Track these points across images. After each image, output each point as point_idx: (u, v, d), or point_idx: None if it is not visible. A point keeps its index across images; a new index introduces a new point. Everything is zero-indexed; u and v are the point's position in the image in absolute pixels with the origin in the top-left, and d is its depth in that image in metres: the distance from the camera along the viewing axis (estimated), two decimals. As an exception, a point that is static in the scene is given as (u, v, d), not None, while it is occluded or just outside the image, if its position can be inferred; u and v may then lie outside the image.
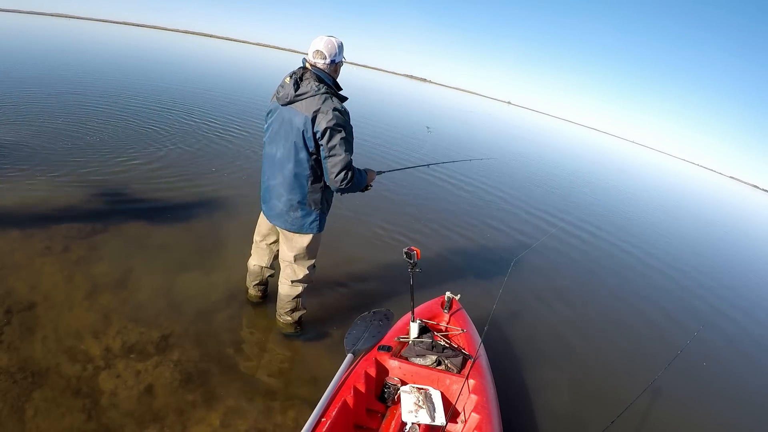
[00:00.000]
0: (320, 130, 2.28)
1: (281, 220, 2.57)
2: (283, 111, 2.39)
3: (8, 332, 2.39)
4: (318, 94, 2.30)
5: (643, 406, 3.01)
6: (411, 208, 6.19)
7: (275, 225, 2.65)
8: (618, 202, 12.43)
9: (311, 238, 2.62)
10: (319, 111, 2.27)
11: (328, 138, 2.29)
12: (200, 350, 2.57)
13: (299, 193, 2.47)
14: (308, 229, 2.58)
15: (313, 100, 2.30)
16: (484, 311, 3.08)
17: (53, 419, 1.98)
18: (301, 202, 2.49)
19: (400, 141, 12.09)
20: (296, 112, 2.33)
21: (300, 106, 2.32)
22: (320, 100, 2.29)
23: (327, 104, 2.29)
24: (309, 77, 2.35)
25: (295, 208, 2.50)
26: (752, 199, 42.18)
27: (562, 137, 44.59)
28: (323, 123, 2.26)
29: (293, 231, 2.58)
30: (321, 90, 2.31)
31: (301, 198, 2.48)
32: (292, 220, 2.54)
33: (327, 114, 2.27)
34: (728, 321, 5.27)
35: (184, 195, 4.84)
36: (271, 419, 2.24)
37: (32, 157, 4.98)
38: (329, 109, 2.27)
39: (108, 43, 30.91)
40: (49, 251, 3.20)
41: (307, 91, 2.31)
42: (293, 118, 2.34)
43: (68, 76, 11.59)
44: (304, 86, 2.32)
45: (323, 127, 2.27)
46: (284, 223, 2.57)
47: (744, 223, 18.74)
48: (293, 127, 2.34)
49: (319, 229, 2.62)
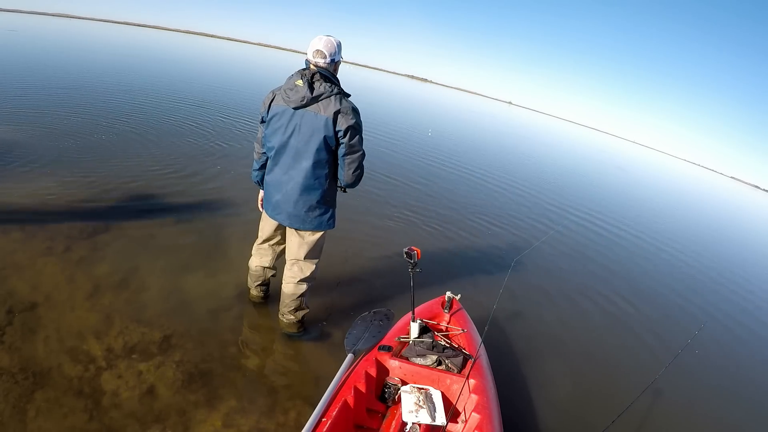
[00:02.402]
0: (342, 129, 2.37)
1: (298, 222, 2.59)
2: (296, 114, 2.41)
3: (10, 332, 2.39)
4: (333, 94, 2.37)
5: (643, 406, 3.01)
6: (411, 208, 6.19)
7: (291, 226, 2.66)
8: (618, 202, 12.43)
9: (322, 235, 2.69)
10: (339, 111, 2.35)
11: (350, 137, 2.40)
12: (202, 350, 2.58)
13: (319, 193, 2.53)
14: (326, 226, 2.65)
15: (330, 101, 2.36)
16: (484, 311, 3.08)
17: (55, 420, 1.98)
18: (320, 201, 2.55)
19: (401, 139, 12.11)
20: (314, 114, 2.37)
21: (317, 108, 2.36)
22: (337, 100, 2.37)
23: (345, 104, 2.38)
24: (319, 79, 2.37)
25: (314, 207, 2.55)
26: (753, 200, 42.11)
27: (563, 137, 44.59)
28: (345, 123, 2.36)
29: (311, 230, 2.62)
30: (334, 90, 2.38)
31: (320, 197, 2.54)
32: (311, 220, 2.59)
33: (348, 114, 2.37)
34: (728, 321, 5.27)
35: (186, 194, 4.85)
36: (274, 419, 2.24)
37: (33, 156, 4.98)
38: (349, 109, 2.38)
39: (108, 44, 30.90)
40: (50, 251, 3.21)
41: (323, 93, 2.35)
42: (312, 120, 2.37)
43: (68, 76, 11.60)
44: (318, 88, 2.35)
45: (345, 127, 2.36)
46: (301, 224, 2.60)
47: (745, 223, 18.73)
48: (312, 128, 2.38)
49: (335, 224, 2.70)
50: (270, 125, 2.52)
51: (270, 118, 2.51)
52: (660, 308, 5.03)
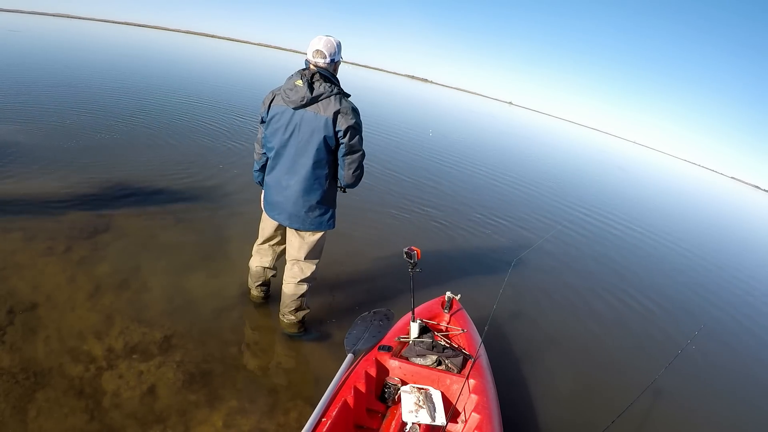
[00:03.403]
0: (342, 129, 2.36)
1: (298, 222, 2.60)
2: (296, 114, 2.41)
3: (11, 333, 2.40)
4: (333, 95, 2.37)
5: (643, 406, 3.01)
6: (411, 208, 6.19)
7: (291, 227, 2.66)
8: (619, 202, 12.42)
9: (322, 235, 2.69)
10: (339, 112, 2.35)
11: (350, 137, 2.40)
12: (203, 351, 2.58)
13: (319, 193, 2.53)
14: (326, 226, 2.65)
15: (330, 101, 2.35)
16: (484, 311, 3.08)
17: (56, 420, 1.99)
18: (320, 202, 2.55)
19: (401, 139, 12.11)
20: (314, 114, 2.37)
21: (317, 108, 2.36)
22: (336, 100, 2.36)
23: (344, 104, 2.38)
24: (319, 79, 2.37)
25: (314, 207, 2.55)
26: (753, 200, 42.07)
27: (564, 137, 44.56)
28: (345, 123, 2.36)
29: (311, 230, 2.63)
30: (334, 90, 2.38)
31: (320, 198, 2.54)
32: (311, 220, 2.59)
33: (348, 114, 2.36)
34: (729, 321, 5.27)
35: (187, 194, 4.84)
36: (274, 419, 2.25)
37: (33, 156, 4.99)
38: (348, 109, 2.37)
39: (109, 44, 30.91)
40: (51, 251, 3.21)
41: (323, 93, 2.35)
42: (311, 120, 2.37)
43: (69, 76, 11.60)
44: (317, 88, 2.35)
45: (345, 127, 2.36)
46: (302, 224, 2.60)
47: (745, 224, 18.72)
48: (312, 128, 2.38)
49: (335, 224, 2.70)
50: (270, 125, 2.52)
51: (270, 118, 2.51)
52: (660, 308, 5.02)
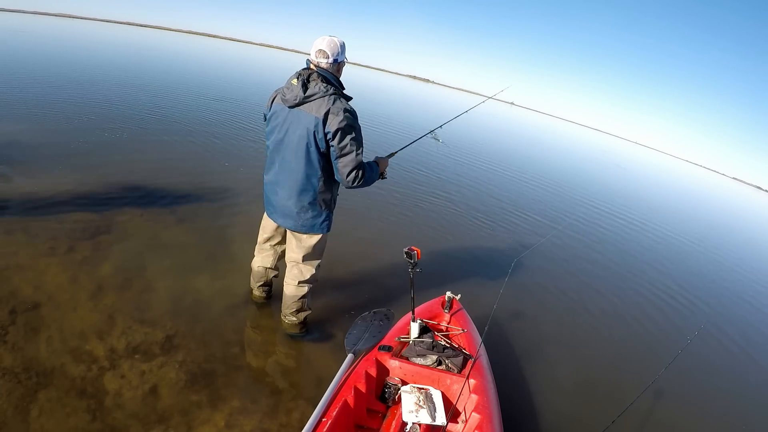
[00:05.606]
0: (331, 130, 2.30)
1: (291, 222, 2.59)
2: (290, 113, 2.40)
3: (13, 332, 2.41)
4: (327, 95, 2.33)
5: (644, 406, 3.02)
6: (411, 207, 6.20)
7: (284, 227, 2.66)
8: (619, 202, 12.40)
9: (320, 238, 2.66)
10: (329, 112, 2.30)
11: (339, 139, 2.32)
12: (205, 351, 2.59)
13: (311, 195, 2.49)
14: (319, 229, 2.61)
15: (322, 102, 2.32)
16: (484, 311, 3.08)
17: (58, 420, 1.99)
18: (312, 203, 2.52)
19: (401, 138, 12.08)
20: (306, 113, 2.34)
21: (309, 108, 2.33)
22: (329, 101, 2.32)
23: (337, 105, 2.32)
24: (315, 78, 2.36)
25: (306, 209, 2.52)
26: (755, 201, 41.97)
27: (564, 137, 44.51)
28: (334, 124, 2.29)
29: (304, 232, 2.61)
30: (329, 91, 2.34)
31: (312, 199, 2.50)
32: (303, 222, 2.56)
33: (338, 115, 2.30)
34: (729, 321, 5.26)
35: (190, 193, 4.84)
36: (276, 419, 2.25)
37: (34, 156, 5.00)
38: (340, 110, 2.30)
39: (110, 44, 30.94)
40: (53, 251, 3.22)
41: (316, 93, 2.32)
42: (303, 119, 2.35)
43: (70, 75, 11.62)
44: (312, 88, 2.33)
45: (334, 128, 2.29)
46: (295, 225, 2.59)
47: (747, 224, 18.68)
48: (304, 128, 2.35)
49: (329, 228, 2.66)
50: (269, 123, 2.53)
51: (270, 116, 2.52)
52: (660, 308, 5.02)
